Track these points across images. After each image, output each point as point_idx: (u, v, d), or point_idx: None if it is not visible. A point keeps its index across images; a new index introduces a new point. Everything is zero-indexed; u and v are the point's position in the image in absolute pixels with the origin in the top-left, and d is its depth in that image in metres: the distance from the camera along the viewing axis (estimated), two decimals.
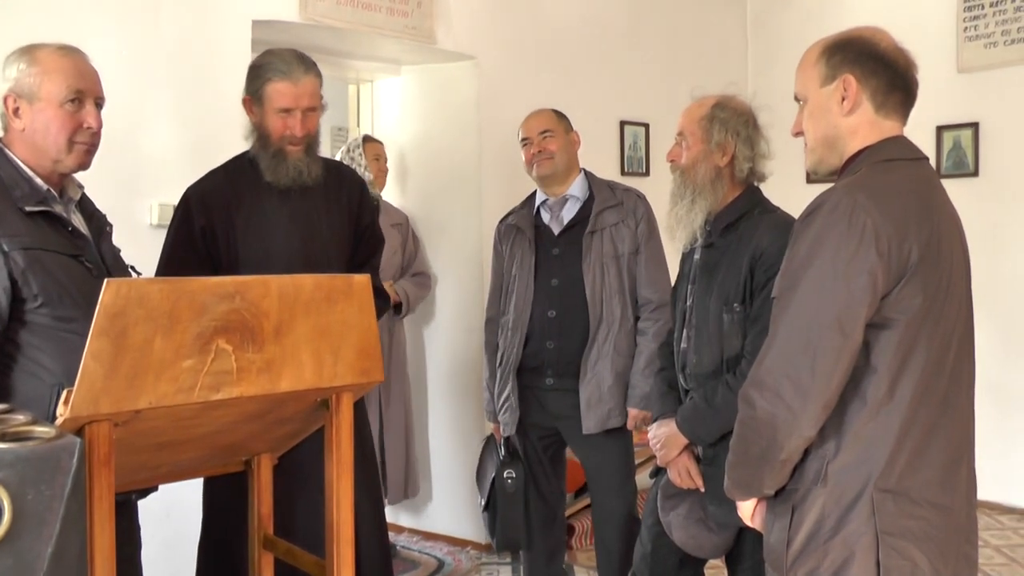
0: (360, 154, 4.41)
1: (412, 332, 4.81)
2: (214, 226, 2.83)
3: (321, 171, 2.92)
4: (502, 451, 3.61)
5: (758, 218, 2.65)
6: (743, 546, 2.66)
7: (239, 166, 2.94)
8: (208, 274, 2.71)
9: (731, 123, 2.68)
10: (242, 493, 2.22)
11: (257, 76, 2.84)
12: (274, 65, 2.81)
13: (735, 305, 2.58)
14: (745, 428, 1.84)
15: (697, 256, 2.75)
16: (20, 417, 1.53)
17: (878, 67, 1.89)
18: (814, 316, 1.75)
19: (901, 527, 1.77)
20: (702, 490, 2.68)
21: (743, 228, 2.64)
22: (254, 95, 2.84)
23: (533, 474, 3.58)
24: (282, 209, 2.87)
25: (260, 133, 2.86)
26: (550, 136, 3.47)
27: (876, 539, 1.76)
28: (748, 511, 2.00)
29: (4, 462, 1.31)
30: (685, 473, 2.71)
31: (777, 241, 2.51)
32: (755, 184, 2.75)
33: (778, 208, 2.72)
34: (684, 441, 2.70)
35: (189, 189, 2.90)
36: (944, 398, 1.81)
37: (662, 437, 2.74)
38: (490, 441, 3.79)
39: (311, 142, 2.89)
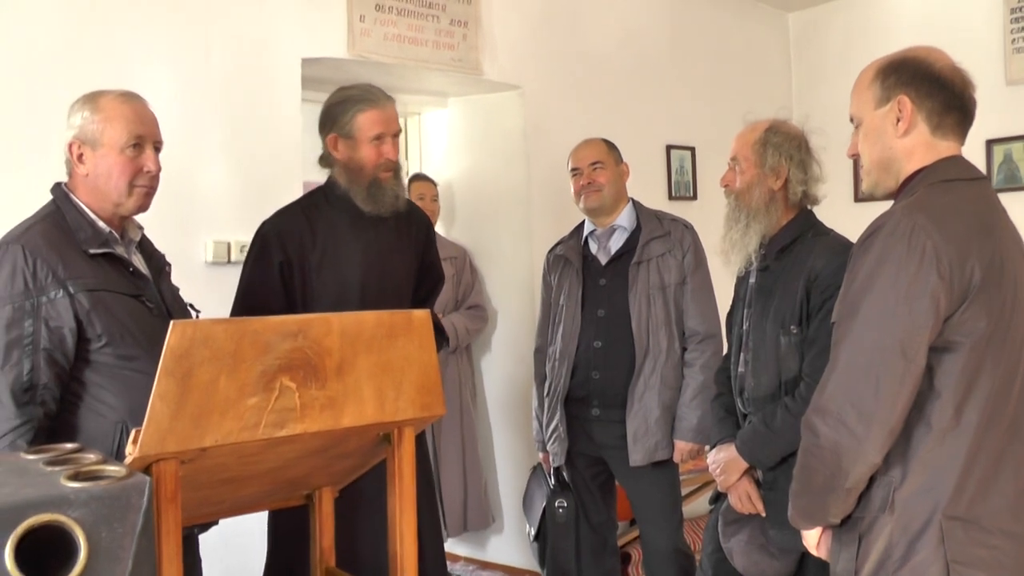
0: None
1: (468, 363, 4.82)
2: (291, 261, 2.87)
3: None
4: (552, 481, 3.60)
5: (812, 241, 2.65)
6: (806, 572, 2.63)
7: (314, 202, 2.98)
8: (285, 307, 2.80)
9: (784, 147, 2.69)
10: (308, 521, 2.24)
11: (343, 111, 2.88)
12: (359, 96, 2.88)
13: (792, 327, 2.58)
14: (809, 456, 1.82)
15: (752, 280, 2.75)
16: (91, 456, 1.56)
17: (933, 88, 1.87)
18: (876, 341, 1.73)
19: (972, 556, 1.73)
20: (763, 515, 2.66)
21: (797, 251, 2.65)
22: (341, 131, 2.88)
23: (583, 503, 3.56)
24: (357, 245, 2.91)
25: (350, 167, 2.89)
26: (600, 168, 3.46)
27: (946, 568, 1.72)
28: (813, 540, 1.97)
29: (79, 501, 1.34)
30: (746, 498, 2.69)
31: (832, 263, 2.52)
32: (808, 207, 2.75)
33: (831, 230, 2.72)
34: (744, 466, 2.68)
35: (266, 225, 2.94)
36: (1013, 422, 1.78)
37: (721, 462, 2.73)
38: (537, 470, 3.78)
39: (397, 169, 2.94)
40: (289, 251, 2.87)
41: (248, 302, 2.87)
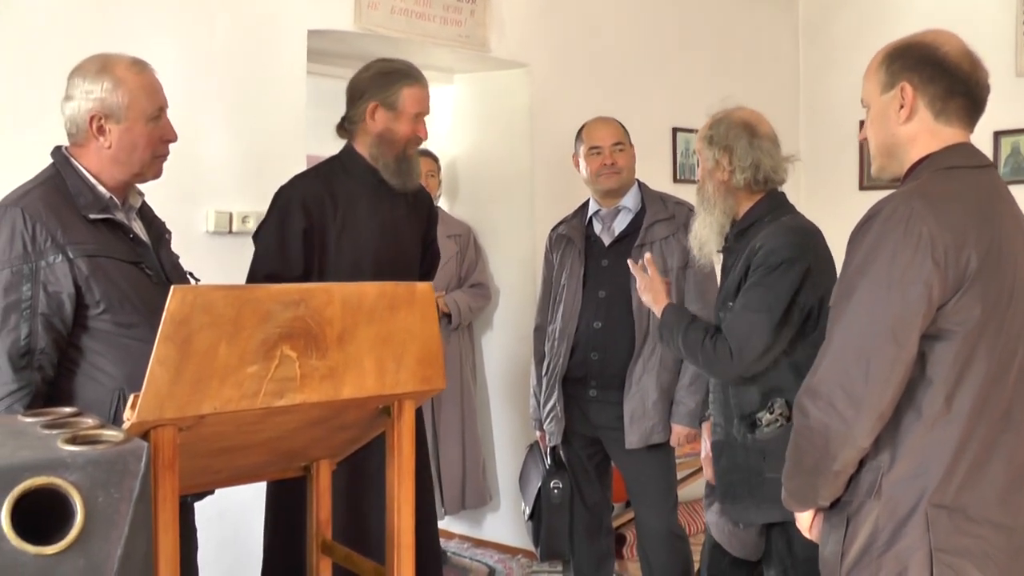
0: None
1: (469, 340, 4.81)
2: (314, 228, 2.86)
3: None
4: (548, 460, 3.61)
5: (766, 224, 2.68)
6: (770, 548, 2.69)
7: (332, 170, 2.98)
8: (302, 275, 2.81)
9: (720, 141, 2.74)
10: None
11: (390, 83, 2.89)
12: (406, 71, 2.92)
13: (729, 303, 2.66)
14: (799, 438, 1.82)
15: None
16: (89, 421, 1.56)
17: (936, 73, 1.84)
18: (868, 325, 1.72)
19: (956, 544, 1.72)
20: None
21: (752, 234, 2.70)
22: (385, 101, 2.89)
23: (578, 483, 3.57)
24: (375, 217, 2.93)
25: (384, 138, 2.90)
26: (621, 150, 3.47)
27: (930, 556, 1.72)
28: (806, 523, 1.98)
29: (76, 465, 1.34)
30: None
31: (768, 243, 2.59)
32: (776, 190, 2.77)
33: (792, 213, 2.75)
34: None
35: (290, 190, 2.92)
36: (1007, 412, 1.77)
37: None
38: (533, 449, 3.78)
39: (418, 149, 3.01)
40: (313, 218, 2.86)
41: (269, 267, 2.84)
